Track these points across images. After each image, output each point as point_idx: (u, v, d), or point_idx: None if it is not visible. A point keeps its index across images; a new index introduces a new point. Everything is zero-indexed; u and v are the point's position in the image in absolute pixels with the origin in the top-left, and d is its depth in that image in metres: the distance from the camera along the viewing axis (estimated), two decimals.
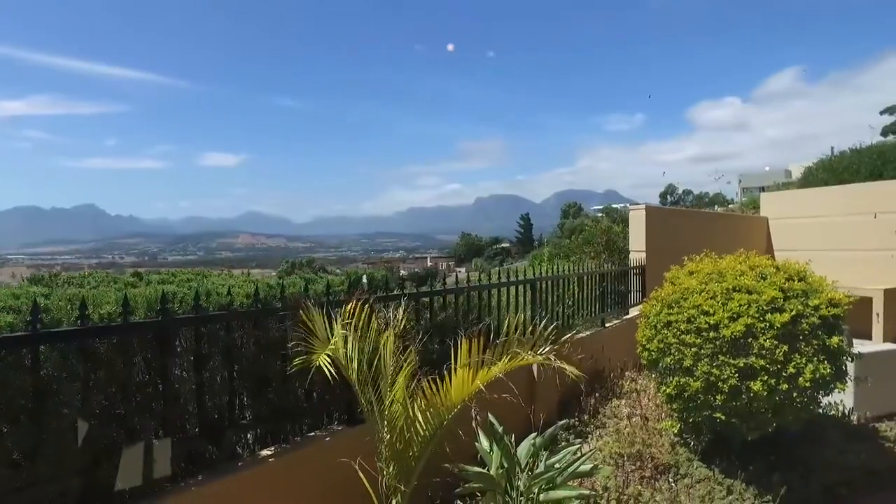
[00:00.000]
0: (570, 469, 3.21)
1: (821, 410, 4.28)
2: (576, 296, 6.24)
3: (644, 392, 5.64)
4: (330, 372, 2.54)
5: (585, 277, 6.46)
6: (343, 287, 3.80)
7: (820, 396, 3.86)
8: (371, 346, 2.84)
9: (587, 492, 3.08)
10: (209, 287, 3.25)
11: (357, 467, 2.85)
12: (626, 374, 6.15)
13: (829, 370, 3.58)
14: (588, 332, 6.41)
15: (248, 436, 3.18)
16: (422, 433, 2.73)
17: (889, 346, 5.73)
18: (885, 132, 35.06)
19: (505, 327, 2.73)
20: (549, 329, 2.96)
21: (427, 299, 4.00)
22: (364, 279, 4.14)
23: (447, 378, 2.62)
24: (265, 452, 3.06)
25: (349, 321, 2.81)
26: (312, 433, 3.35)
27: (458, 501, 3.69)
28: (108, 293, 2.91)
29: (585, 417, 5.17)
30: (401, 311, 3.27)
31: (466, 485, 3.22)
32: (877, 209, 8.92)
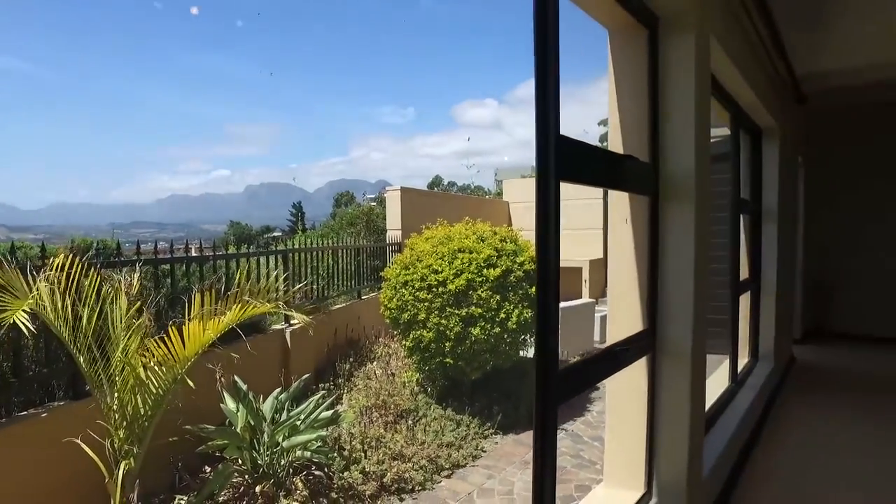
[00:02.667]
0: (313, 416, 3.44)
1: (531, 352, 5.19)
2: (331, 269, 6.49)
3: (395, 355, 6.14)
4: (27, 328, 2.33)
5: (341, 252, 6.76)
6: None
7: (527, 338, 4.69)
8: (96, 307, 2.69)
9: (325, 433, 3.33)
10: None
11: (80, 440, 2.69)
12: (381, 340, 6.61)
13: (530, 315, 4.38)
14: (345, 304, 6.73)
15: None
16: (154, 391, 2.69)
17: (585, 300, 7.11)
18: (601, 139, 43.47)
19: (237, 279, 2.82)
20: (285, 287, 3.13)
21: (168, 266, 3.86)
22: (95, 245, 3.82)
23: (176, 334, 2.62)
24: None
25: (62, 279, 2.62)
26: (26, 412, 3.02)
27: (208, 467, 3.67)
28: None
29: (341, 381, 5.46)
30: (135, 276, 3.15)
31: (209, 443, 3.23)
32: (586, 196, 10.86)
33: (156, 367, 2.67)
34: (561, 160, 1.53)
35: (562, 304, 6.30)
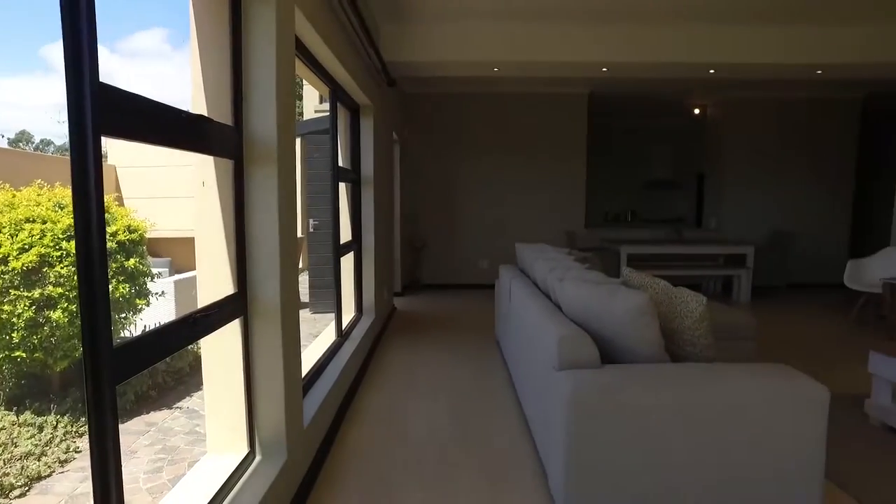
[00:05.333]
0: None
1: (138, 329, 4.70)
2: None
3: None
4: None
5: None
6: None
7: (129, 315, 4.22)
8: None
9: None
10: None
11: None
12: None
13: (128, 289, 3.95)
14: None
15: None
16: None
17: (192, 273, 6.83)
18: None
19: None
20: None
21: None
22: None
23: None
24: None
25: None
26: None
27: None
28: None
29: None
30: None
31: None
32: (190, 162, 10.30)
33: None
34: (102, 113, 1.37)
35: (176, 277, 5.90)
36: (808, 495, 2.32)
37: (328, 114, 4.40)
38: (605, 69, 6.05)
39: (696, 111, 10.13)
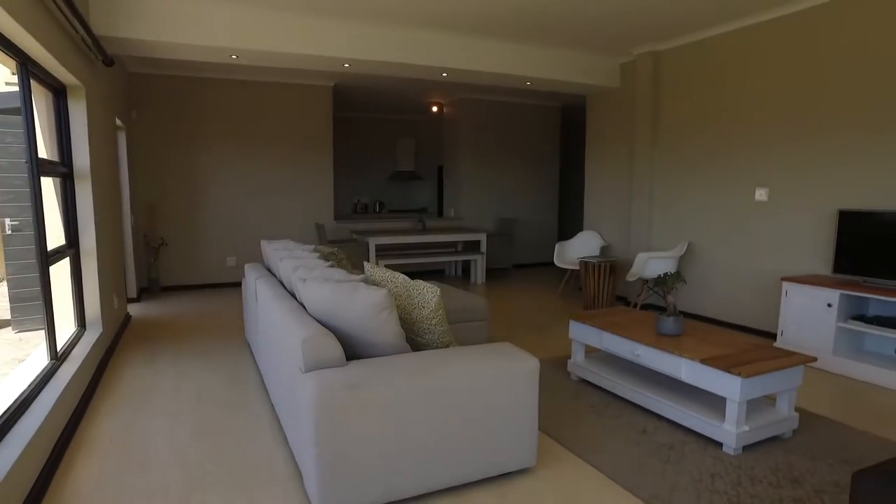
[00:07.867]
0: None
1: None
2: None
3: None
4: None
5: None
6: None
7: None
8: None
9: None
10: None
11: None
12: None
13: None
14: None
15: None
16: None
17: None
18: None
19: None
20: None
21: None
22: None
23: None
24: None
25: None
26: None
27: None
28: None
29: None
30: None
31: None
32: None
33: None
34: None
35: None
36: (528, 446, 2.77)
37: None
38: (347, 65, 6.15)
39: (434, 109, 10.95)
